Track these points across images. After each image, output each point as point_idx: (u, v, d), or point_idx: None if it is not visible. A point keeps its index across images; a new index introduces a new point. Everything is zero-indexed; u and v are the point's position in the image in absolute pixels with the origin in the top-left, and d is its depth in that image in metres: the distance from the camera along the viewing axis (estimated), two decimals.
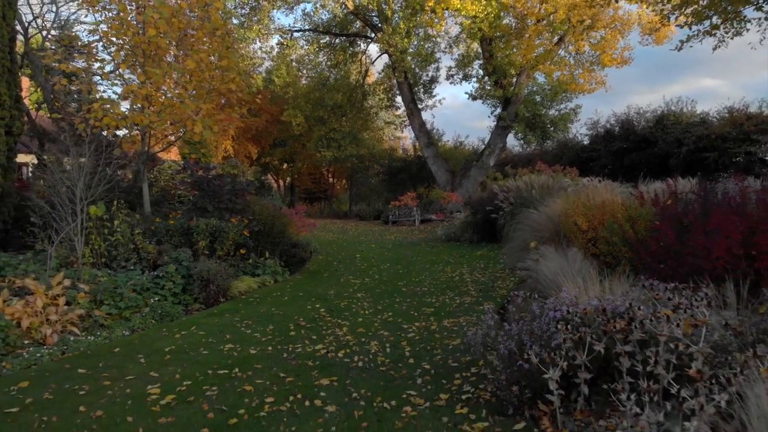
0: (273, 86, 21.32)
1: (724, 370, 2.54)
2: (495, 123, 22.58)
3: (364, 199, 31.71)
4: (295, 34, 23.97)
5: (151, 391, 3.76)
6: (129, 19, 8.25)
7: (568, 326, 3.17)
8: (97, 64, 9.28)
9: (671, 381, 2.59)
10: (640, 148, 22.85)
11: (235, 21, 20.32)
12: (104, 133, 8.84)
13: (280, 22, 23.59)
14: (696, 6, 7.75)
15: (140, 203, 9.08)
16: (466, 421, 3.22)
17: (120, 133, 9.26)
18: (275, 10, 22.25)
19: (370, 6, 21.07)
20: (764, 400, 2.15)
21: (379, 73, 27.39)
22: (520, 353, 3.29)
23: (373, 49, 25.16)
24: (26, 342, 4.84)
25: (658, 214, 5.30)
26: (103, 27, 8.59)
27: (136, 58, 8.42)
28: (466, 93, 22.77)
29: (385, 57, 23.65)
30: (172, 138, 9.54)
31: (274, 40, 23.45)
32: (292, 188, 34.79)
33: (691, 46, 9.04)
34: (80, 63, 10.19)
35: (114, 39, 8.38)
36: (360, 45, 25.64)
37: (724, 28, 8.38)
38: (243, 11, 21.17)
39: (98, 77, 9.59)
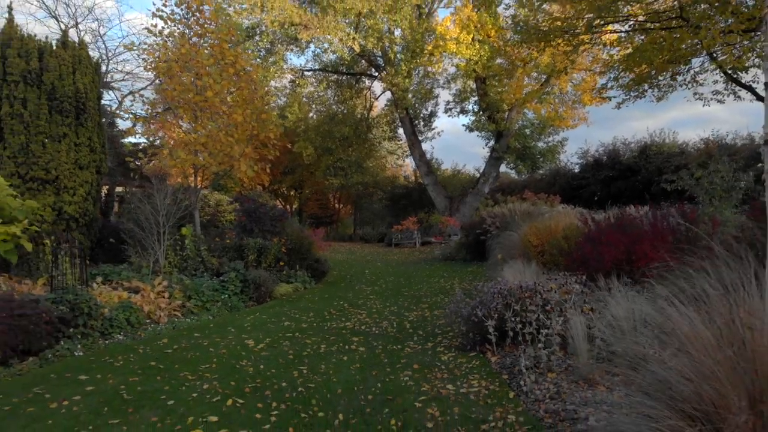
0: (286, 121, 23.97)
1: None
2: (489, 154, 25.18)
3: (368, 223, 34.18)
4: (306, 73, 26.84)
5: (248, 342, 6.15)
6: (190, 83, 10.82)
7: (500, 296, 5.57)
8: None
9: (544, 322, 4.99)
10: (626, 177, 25.26)
11: (254, 58, 23.07)
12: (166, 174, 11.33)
13: (292, 63, 26.33)
14: (618, 82, 10.35)
15: (192, 225, 11.52)
16: (442, 354, 5.59)
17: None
18: (288, 52, 25.11)
19: (375, 49, 23.85)
20: (579, 319, 4.53)
21: (384, 107, 30.20)
22: (473, 314, 5.68)
23: (377, 85, 27.86)
24: (147, 321, 7.21)
25: (583, 234, 7.71)
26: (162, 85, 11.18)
27: (194, 112, 10.97)
28: (463, 125, 25.33)
29: (388, 93, 26.42)
30: (220, 174, 12.03)
31: (286, 79, 26.11)
32: (300, 213, 37.28)
33: (627, 106, 11.67)
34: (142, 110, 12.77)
35: (177, 97, 10.93)
36: (365, 82, 28.46)
37: (651, 93, 10.94)
38: (261, 53, 23.96)
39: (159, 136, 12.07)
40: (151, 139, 11.75)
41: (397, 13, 21.83)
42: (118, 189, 14.90)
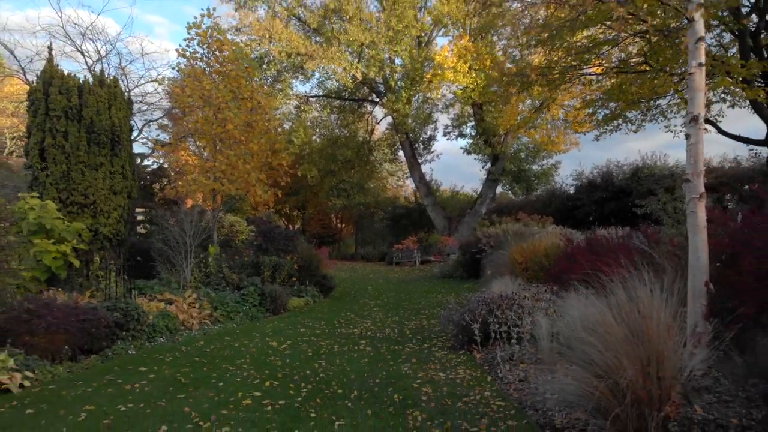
0: (292, 146, 25.30)
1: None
2: (486, 176, 26.46)
3: (369, 243, 35.32)
4: (310, 99, 28.29)
5: (272, 344, 7.30)
6: (212, 116, 12.10)
7: (484, 304, 6.74)
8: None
9: (516, 323, 6.16)
10: (618, 198, 26.45)
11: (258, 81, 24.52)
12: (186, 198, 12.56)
13: (297, 89, 27.84)
14: (596, 117, 11.69)
15: (211, 244, 12.71)
16: (436, 352, 6.74)
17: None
18: (294, 80, 26.60)
19: (376, 77, 25.31)
20: (543, 319, 5.70)
21: (385, 131, 31.62)
22: (462, 319, 6.84)
23: (378, 109, 29.30)
24: (182, 328, 8.36)
25: (561, 252, 8.90)
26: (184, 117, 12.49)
27: (215, 142, 12.25)
28: (461, 148, 26.71)
29: (389, 117, 27.81)
30: (236, 198, 13.28)
31: (292, 105, 27.54)
32: (303, 233, 38.48)
33: (605, 138, 13.01)
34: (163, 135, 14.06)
35: (200, 129, 12.22)
36: (367, 107, 29.90)
37: (626, 126, 12.25)
38: (268, 81, 25.41)
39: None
40: (166, 165, 13.00)
41: (397, 44, 23.32)
42: (138, 210, 16.13)
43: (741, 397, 3.69)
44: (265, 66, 24.20)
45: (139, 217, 16.23)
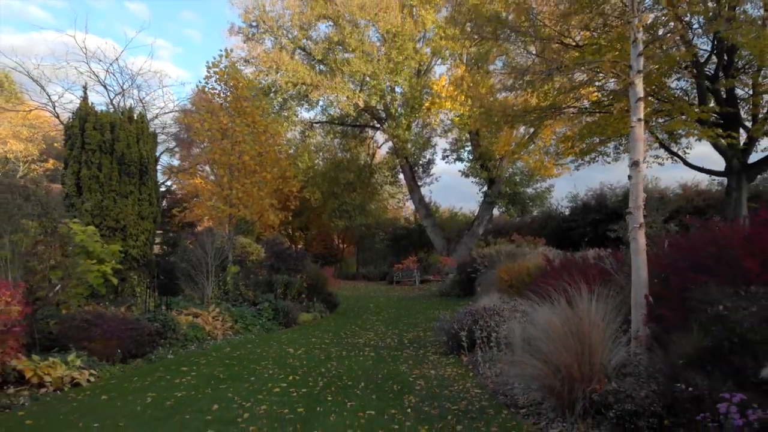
0: (296, 170, 26.78)
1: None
2: (482, 199, 27.84)
3: (370, 262, 36.59)
4: (314, 125, 29.84)
5: (289, 350, 8.56)
6: (230, 148, 13.50)
7: (470, 315, 8.02)
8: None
9: (494, 329, 7.44)
10: (611, 220, 27.63)
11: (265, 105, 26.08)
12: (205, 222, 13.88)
13: (302, 116, 29.42)
14: (575, 152, 13.14)
15: (234, 264, 14.02)
16: (430, 356, 8.00)
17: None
18: (299, 108, 28.19)
19: (378, 105, 26.85)
20: (516, 325, 6.97)
21: (386, 154, 33.12)
22: (452, 327, 8.11)
23: (379, 134, 30.83)
24: (208, 337, 9.62)
25: (542, 271, 10.18)
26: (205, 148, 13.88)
27: (231, 172, 13.61)
28: (459, 171, 28.08)
29: (390, 142, 29.31)
30: (249, 221, 14.63)
31: (297, 130, 29.07)
32: (306, 252, 39.75)
33: (584, 167, 14.47)
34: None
35: (218, 159, 13.60)
36: (368, 132, 31.46)
37: (603, 158, 13.68)
38: (275, 108, 26.96)
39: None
40: (174, 187, 14.34)
41: (398, 74, 24.91)
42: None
43: (652, 378, 4.95)
44: (272, 95, 25.76)
45: (157, 239, 17.54)
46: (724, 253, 6.03)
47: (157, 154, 21.38)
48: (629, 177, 6.85)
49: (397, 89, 27.17)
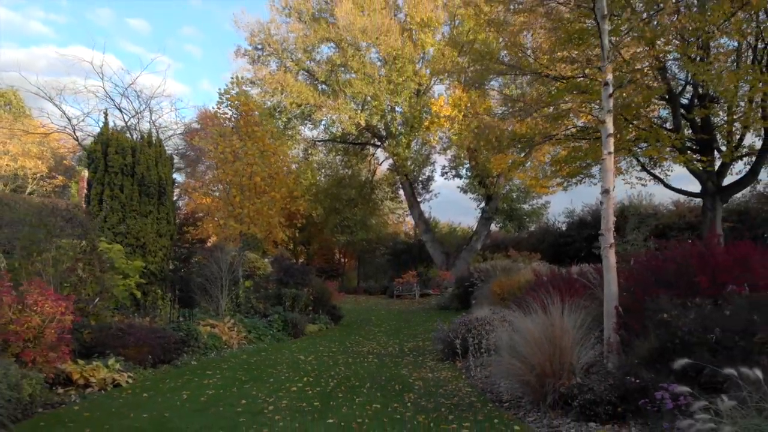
0: (300, 186, 27.88)
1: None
2: (480, 214, 28.86)
3: (371, 277, 37.46)
4: (317, 143, 30.98)
5: (300, 357, 9.51)
6: (242, 170, 14.55)
7: (464, 325, 8.98)
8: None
9: (485, 337, 8.41)
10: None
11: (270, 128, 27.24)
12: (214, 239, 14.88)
13: (305, 134, 30.61)
14: (563, 174, 14.22)
15: (243, 278, 14.99)
16: (427, 362, 8.96)
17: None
18: (303, 127, 29.34)
19: (378, 124, 27.98)
20: (504, 333, 7.94)
21: (386, 170, 34.19)
22: (447, 336, 9.06)
23: (380, 152, 31.94)
24: (225, 346, 10.56)
25: (530, 285, 11.14)
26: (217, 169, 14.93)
27: (243, 192, 14.65)
28: (458, 187, 29.16)
29: (390, 160, 30.39)
30: (259, 238, 15.67)
31: (300, 148, 30.19)
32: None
33: (572, 188, 15.53)
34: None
35: (231, 180, 14.64)
36: (369, 149, 32.55)
37: (590, 180, 14.78)
38: (279, 128, 28.09)
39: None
40: (188, 209, 15.36)
41: (398, 95, 26.05)
42: None
43: (611, 375, 5.92)
44: (277, 114, 26.90)
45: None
46: (681, 270, 7.07)
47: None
48: (600, 203, 7.85)
49: (398, 109, 28.29)
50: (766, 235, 19.87)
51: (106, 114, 14.56)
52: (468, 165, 29.89)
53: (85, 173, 25.66)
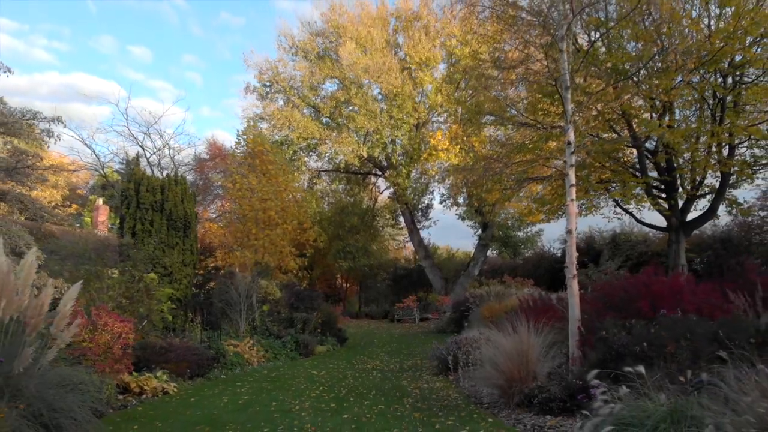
0: (305, 215, 29.72)
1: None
2: (477, 241, 30.57)
3: (372, 301, 38.97)
4: (321, 173, 32.88)
5: (313, 372, 11.13)
6: (258, 205, 16.30)
7: (455, 344, 10.62)
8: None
9: (472, 353, 10.07)
10: (598, 262, 30.38)
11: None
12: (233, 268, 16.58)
13: (310, 165, 32.51)
14: (547, 209, 16.07)
15: (263, 303, 16.62)
16: (424, 376, 10.59)
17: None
18: (308, 158, 31.27)
19: (380, 156, 29.88)
20: (487, 349, 9.59)
21: (387, 198, 36.02)
22: (441, 353, 10.68)
23: (381, 181, 33.81)
24: (246, 363, 12.16)
25: (516, 308, 12.78)
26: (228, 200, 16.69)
27: (258, 225, 16.39)
28: (456, 214, 30.94)
29: (391, 189, 32.23)
30: (271, 266, 17.34)
31: (305, 178, 32.01)
32: None
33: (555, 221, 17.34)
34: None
35: (247, 214, 16.38)
36: (371, 178, 34.46)
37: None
38: (286, 159, 29.99)
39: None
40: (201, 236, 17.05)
41: (398, 129, 28.00)
42: None
43: (563, 379, 7.55)
44: (284, 147, 28.81)
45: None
46: (629, 297, 8.79)
47: None
48: (565, 241, 9.55)
49: (398, 141, 30.23)
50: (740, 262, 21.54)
51: (137, 156, 16.38)
52: (465, 193, 31.72)
53: (99, 202, 27.58)
